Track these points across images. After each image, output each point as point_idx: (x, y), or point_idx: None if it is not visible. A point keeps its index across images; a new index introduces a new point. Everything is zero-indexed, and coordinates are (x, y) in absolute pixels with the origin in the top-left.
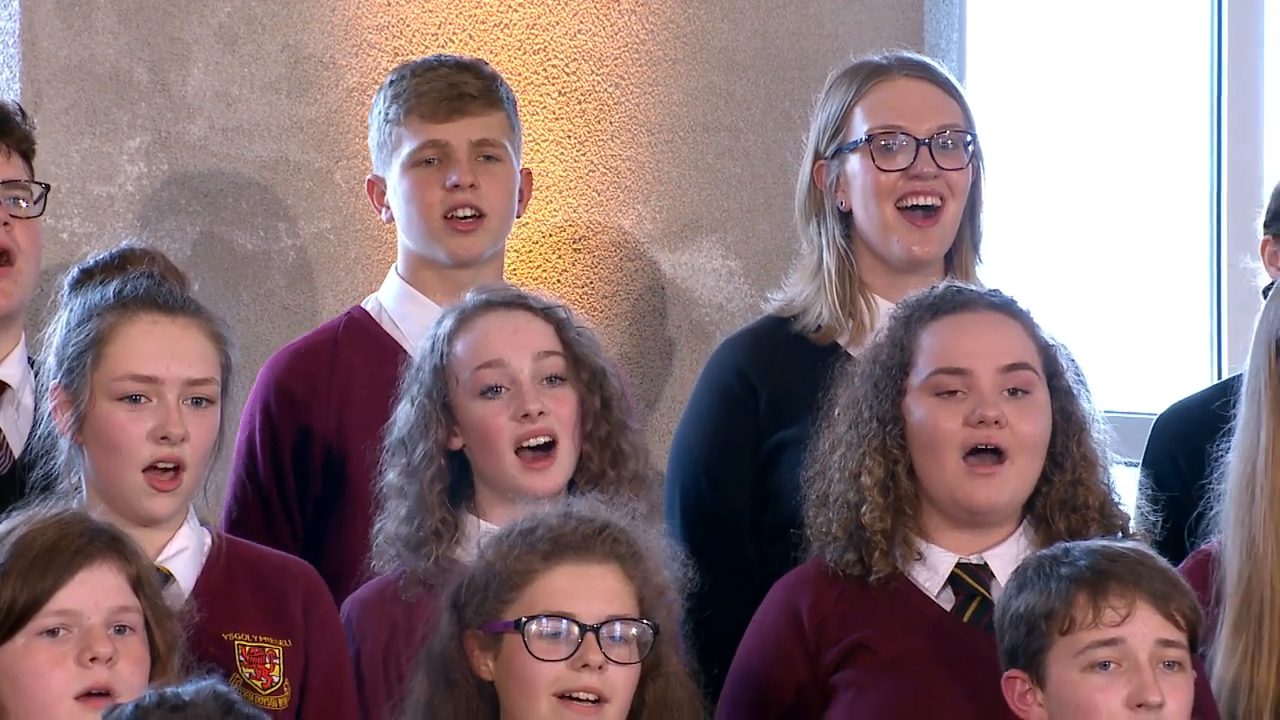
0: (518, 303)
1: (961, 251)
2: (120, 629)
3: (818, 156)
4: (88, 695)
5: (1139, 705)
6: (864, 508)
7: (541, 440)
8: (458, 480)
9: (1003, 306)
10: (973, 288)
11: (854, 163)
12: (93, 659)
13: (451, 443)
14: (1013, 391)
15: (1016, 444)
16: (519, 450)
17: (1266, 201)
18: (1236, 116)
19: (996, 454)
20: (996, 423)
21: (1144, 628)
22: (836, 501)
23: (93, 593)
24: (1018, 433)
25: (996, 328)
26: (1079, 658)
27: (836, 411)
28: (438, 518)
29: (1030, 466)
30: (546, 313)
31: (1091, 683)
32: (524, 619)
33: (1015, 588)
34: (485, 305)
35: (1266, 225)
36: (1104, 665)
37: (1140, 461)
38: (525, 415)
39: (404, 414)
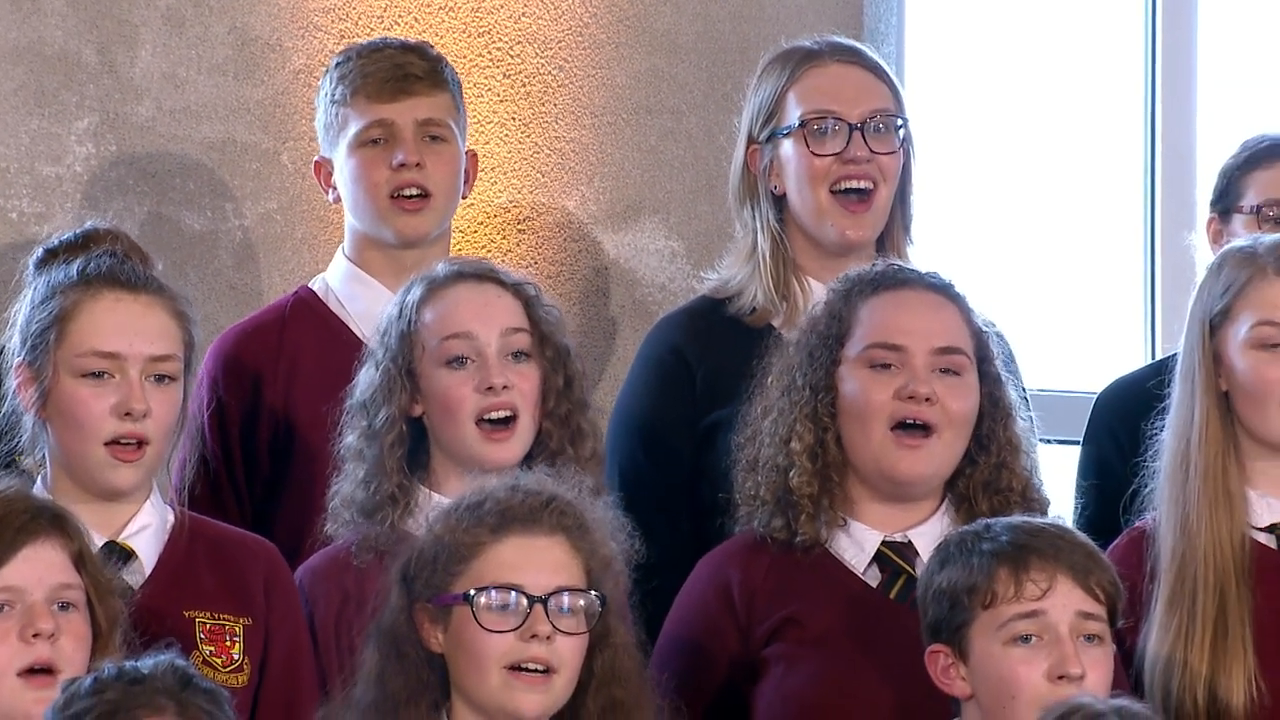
0: (489, 276)
1: (893, 233)
2: (63, 606)
3: (751, 141)
4: (30, 672)
5: (1060, 677)
6: (792, 472)
7: (503, 414)
8: (414, 449)
9: (941, 289)
10: (913, 267)
11: (787, 147)
12: (35, 635)
13: (412, 409)
14: (944, 371)
15: (945, 420)
16: (479, 421)
17: (1211, 180)
18: (1170, 95)
19: (924, 429)
20: (928, 399)
21: (1064, 600)
22: (766, 465)
23: (35, 569)
24: (947, 409)
25: (934, 309)
26: (1001, 631)
27: (770, 379)
28: (395, 482)
29: (956, 442)
30: (516, 289)
31: (1013, 655)
32: (472, 591)
33: (938, 563)
34: (456, 276)
35: (1212, 204)
36: (1025, 638)
37: (1081, 438)
38: (489, 388)
39: (367, 378)
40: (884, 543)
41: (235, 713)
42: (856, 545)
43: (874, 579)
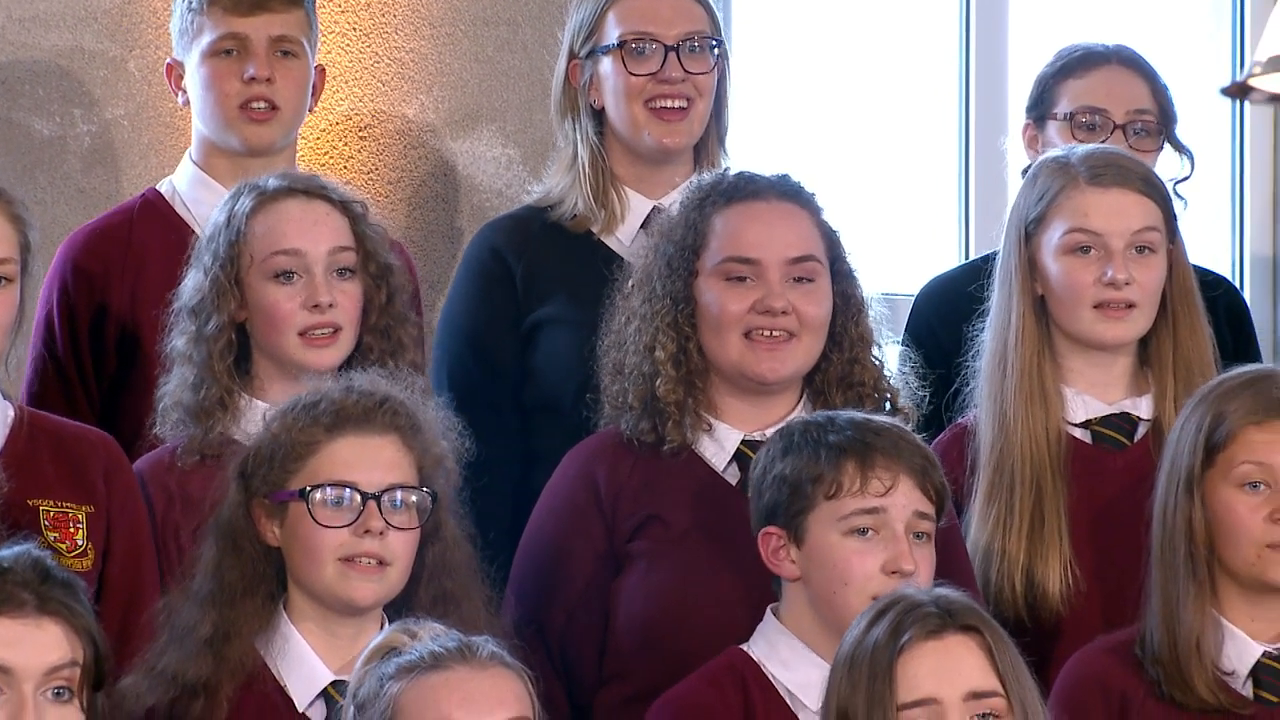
0: (319, 193)
1: (708, 145)
2: None
3: (572, 56)
4: None
5: (893, 572)
6: (658, 380)
7: (326, 330)
8: (236, 355)
9: (791, 195)
10: (764, 175)
11: (606, 65)
12: None
13: (238, 316)
14: (798, 279)
15: (802, 326)
16: (303, 332)
17: (1023, 87)
18: (983, 4)
19: (785, 333)
20: (784, 312)
21: (904, 499)
22: (632, 373)
23: None
24: (803, 315)
25: (785, 219)
26: (841, 522)
27: (631, 284)
28: (223, 386)
29: (814, 344)
30: (345, 206)
31: (850, 546)
32: (308, 488)
33: (780, 450)
34: (287, 191)
35: (1028, 110)
36: (863, 531)
37: (901, 336)
38: (315, 306)
39: (195, 282)
40: (744, 441)
41: None
42: (718, 445)
43: (734, 477)
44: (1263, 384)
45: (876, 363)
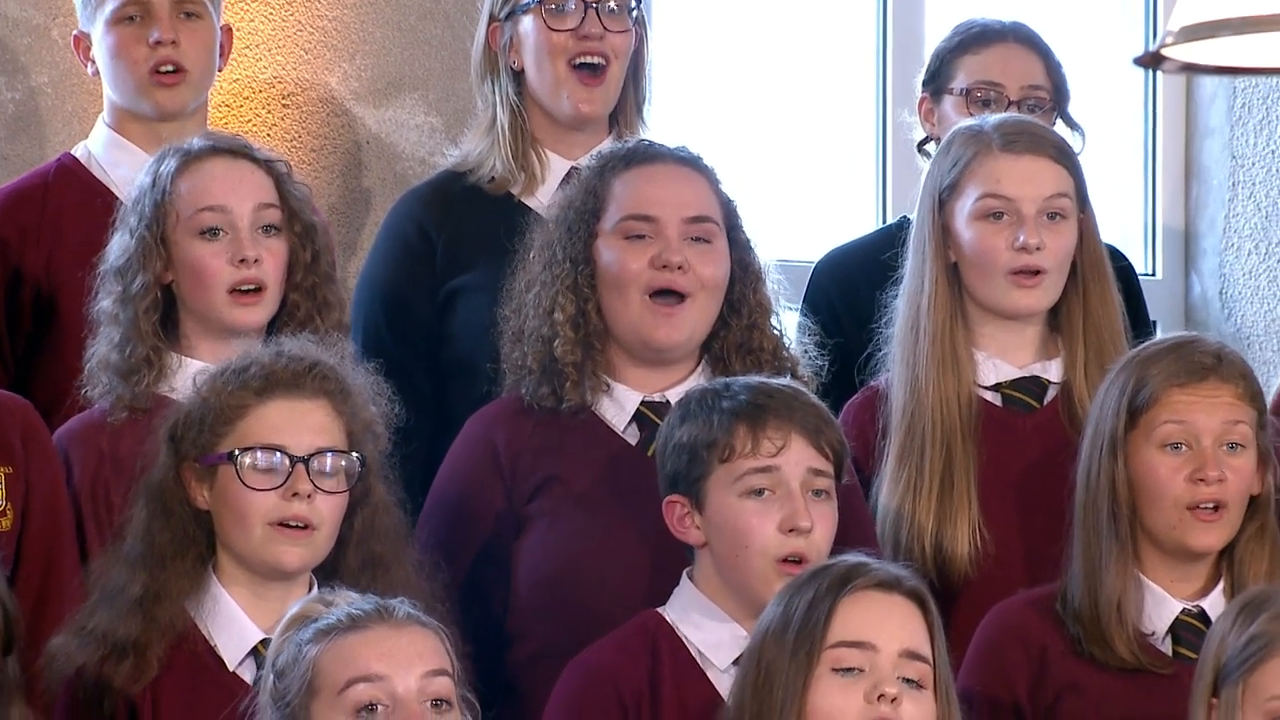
0: (243, 152)
1: (626, 111)
2: None
3: (492, 19)
4: None
5: (791, 530)
6: (556, 341)
7: (252, 286)
8: (164, 315)
9: (690, 161)
10: (663, 143)
11: (526, 24)
12: None
13: (164, 276)
14: (695, 239)
15: (698, 285)
16: (231, 290)
17: (926, 61)
18: None
19: (678, 296)
20: (680, 268)
21: (797, 457)
22: (531, 336)
23: None
24: (700, 275)
25: (683, 180)
26: (737, 484)
27: (531, 254)
28: (149, 345)
29: (709, 306)
30: (268, 165)
31: (748, 508)
32: (237, 451)
33: (679, 418)
34: (212, 150)
35: (924, 84)
36: (759, 492)
37: (799, 304)
38: (241, 260)
39: (121, 244)
40: (643, 402)
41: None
42: (618, 406)
43: (634, 437)
44: (1185, 349)
45: (776, 331)
